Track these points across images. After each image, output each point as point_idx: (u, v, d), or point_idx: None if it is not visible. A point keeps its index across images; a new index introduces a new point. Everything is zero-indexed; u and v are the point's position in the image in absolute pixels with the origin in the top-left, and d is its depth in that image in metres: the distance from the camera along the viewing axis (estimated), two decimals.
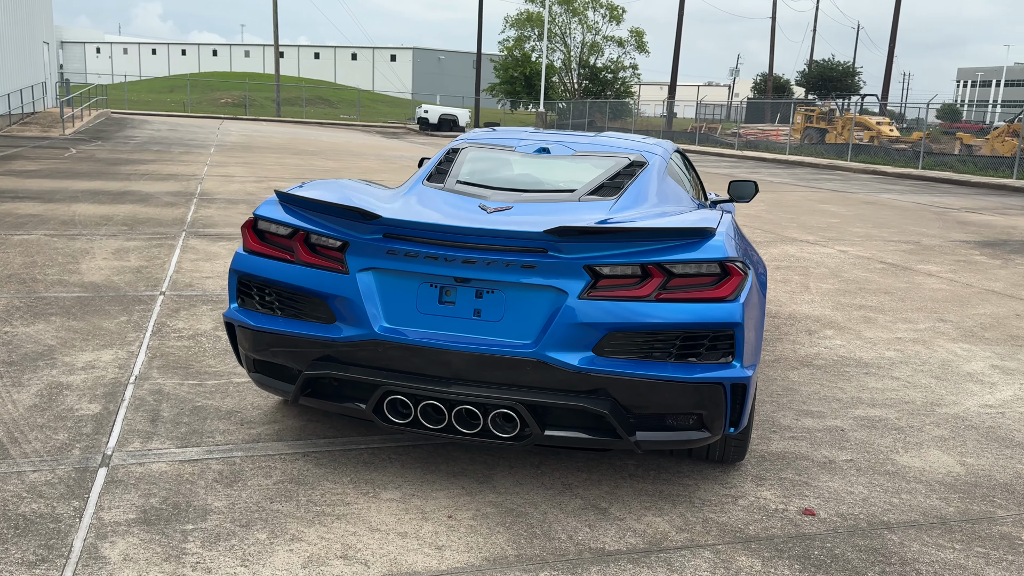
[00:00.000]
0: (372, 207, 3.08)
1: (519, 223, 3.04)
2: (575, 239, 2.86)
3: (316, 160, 19.49)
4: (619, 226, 2.93)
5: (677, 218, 3.11)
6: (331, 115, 54.42)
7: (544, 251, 2.90)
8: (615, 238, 2.92)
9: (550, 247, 2.89)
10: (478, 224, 2.98)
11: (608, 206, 3.48)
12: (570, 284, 2.90)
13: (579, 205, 3.48)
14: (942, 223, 12.94)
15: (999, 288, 7.96)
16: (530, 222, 3.07)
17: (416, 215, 3.12)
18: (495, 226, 2.96)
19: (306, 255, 3.15)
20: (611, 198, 3.59)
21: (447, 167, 3.97)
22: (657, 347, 2.93)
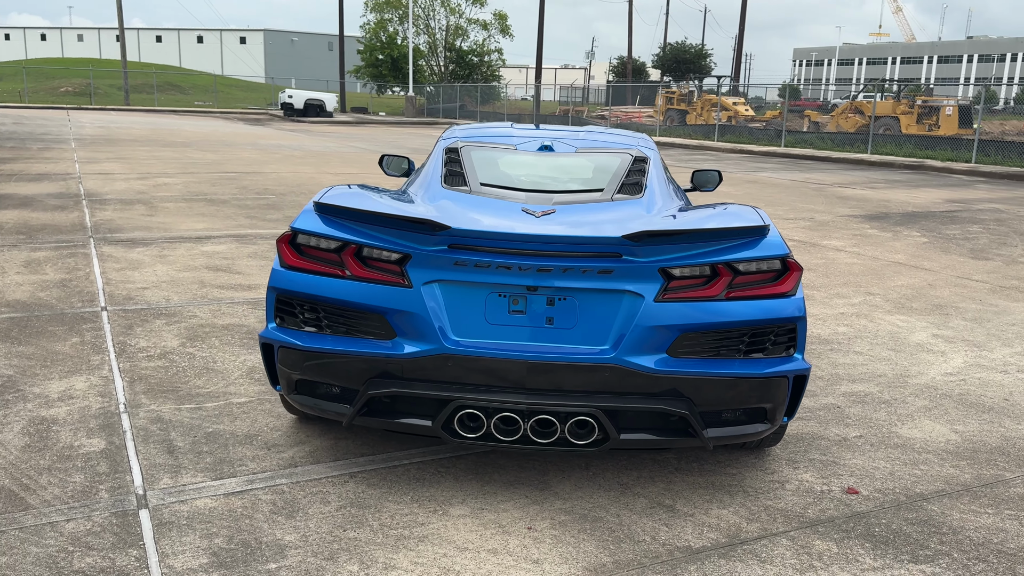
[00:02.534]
0: (435, 216, 2.97)
1: (589, 228, 3.03)
2: (650, 242, 2.87)
3: (191, 152, 18.49)
4: (692, 228, 2.96)
5: (735, 218, 3.17)
6: (184, 102, 51.68)
7: (619, 255, 2.89)
8: (684, 239, 2.95)
9: (626, 251, 2.89)
10: (553, 231, 2.94)
11: (642, 205, 3.51)
12: (646, 287, 2.92)
13: (615, 204, 3.48)
14: (824, 199, 13.78)
15: (903, 260, 8.58)
16: (595, 226, 3.05)
17: (483, 224, 3.03)
18: (571, 232, 2.93)
19: (360, 270, 3.01)
20: (638, 196, 3.62)
21: (458, 169, 3.87)
22: (727, 345, 3.00)
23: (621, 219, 3.23)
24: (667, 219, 3.27)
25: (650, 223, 3.12)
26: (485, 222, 3.08)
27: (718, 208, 3.51)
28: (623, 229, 2.92)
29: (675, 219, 3.26)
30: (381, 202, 3.22)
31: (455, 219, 3.03)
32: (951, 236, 10.24)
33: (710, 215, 3.31)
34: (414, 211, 3.09)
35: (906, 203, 13.52)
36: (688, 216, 3.34)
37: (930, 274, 7.90)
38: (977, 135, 21.64)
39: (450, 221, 2.94)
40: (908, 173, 19.59)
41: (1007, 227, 11.19)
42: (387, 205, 3.16)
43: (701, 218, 3.23)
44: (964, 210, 12.84)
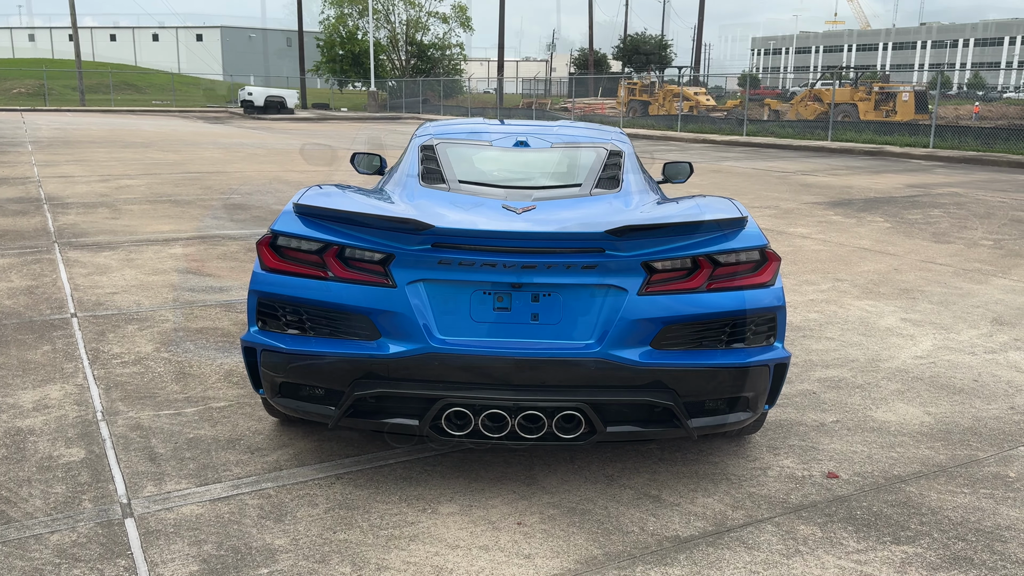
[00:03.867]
0: (417, 216, 2.97)
1: (572, 223, 3.05)
2: (633, 236, 2.90)
3: (152, 152, 18.20)
4: (673, 221, 3.00)
5: (714, 211, 3.21)
6: (142, 101, 50.83)
7: (602, 250, 2.92)
8: (666, 233, 2.98)
9: (609, 246, 2.91)
10: (536, 228, 2.95)
11: (620, 199, 3.53)
12: (629, 281, 2.94)
13: (594, 199, 3.51)
14: (788, 187, 13.96)
15: (868, 245, 8.73)
16: (578, 222, 3.07)
17: (466, 222, 3.04)
18: (554, 228, 2.94)
19: (343, 271, 2.99)
20: (616, 190, 3.65)
21: (435, 166, 3.86)
22: (709, 336, 3.04)
23: (602, 214, 3.25)
24: (647, 213, 3.30)
25: (631, 217, 3.15)
26: (467, 220, 3.08)
27: (695, 200, 3.55)
28: (605, 224, 2.94)
29: (655, 213, 3.29)
30: (361, 202, 3.21)
31: (437, 218, 3.03)
32: (913, 221, 10.44)
33: (688, 207, 3.34)
34: (396, 211, 3.09)
35: (868, 189, 13.75)
36: (667, 209, 3.37)
37: (895, 259, 8.05)
38: (934, 121, 22.05)
39: (432, 220, 2.94)
40: (868, 159, 19.91)
41: (966, 210, 11.44)
42: (368, 205, 3.15)
43: (680, 211, 3.26)
44: (924, 195, 13.09)
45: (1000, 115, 35.39)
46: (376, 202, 3.28)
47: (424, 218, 2.93)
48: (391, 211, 3.04)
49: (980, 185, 14.55)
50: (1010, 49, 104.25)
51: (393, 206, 3.25)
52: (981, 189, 13.96)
